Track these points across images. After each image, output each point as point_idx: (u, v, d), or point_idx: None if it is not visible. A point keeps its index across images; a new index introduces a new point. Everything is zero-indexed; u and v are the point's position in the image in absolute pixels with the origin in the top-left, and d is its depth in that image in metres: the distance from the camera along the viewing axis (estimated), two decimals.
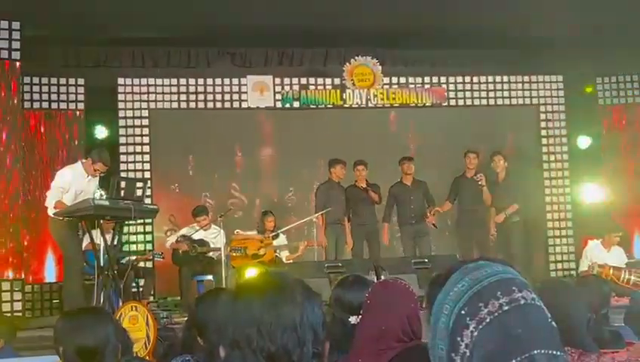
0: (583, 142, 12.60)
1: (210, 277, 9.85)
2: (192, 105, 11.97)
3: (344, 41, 12.00)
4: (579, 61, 12.15)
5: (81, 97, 11.46)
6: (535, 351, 1.27)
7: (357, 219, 10.65)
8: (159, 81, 11.85)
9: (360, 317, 3.23)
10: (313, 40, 11.98)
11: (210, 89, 12.02)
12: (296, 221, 10.91)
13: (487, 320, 1.30)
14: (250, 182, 12.22)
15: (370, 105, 12.38)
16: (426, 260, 8.80)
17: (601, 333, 3.74)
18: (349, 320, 3.43)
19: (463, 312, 1.33)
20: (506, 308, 1.31)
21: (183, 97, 11.94)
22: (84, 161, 8.42)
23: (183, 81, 11.94)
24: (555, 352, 1.29)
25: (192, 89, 11.97)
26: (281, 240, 10.59)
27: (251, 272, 9.09)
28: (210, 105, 12.02)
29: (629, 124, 12.74)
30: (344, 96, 12.32)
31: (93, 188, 8.08)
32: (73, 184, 8.17)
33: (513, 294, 1.33)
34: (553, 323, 1.35)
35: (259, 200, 12.07)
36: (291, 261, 10.37)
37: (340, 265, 8.66)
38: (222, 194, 11.93)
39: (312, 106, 12.28)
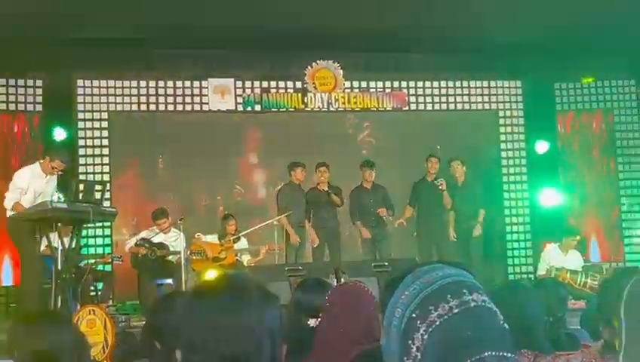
0: (541, 146, 12.73)
1: (169, 280, 9.78)
2: (153, 107, 11.87)
3: (306, 44, 11.99)
4: (537, 67, 12.28)
5: (39, 99, 11.31)
6: (485, 353, 1.28)
7: (318, 221, 10.65)
8: (119, 83, 11.74)
9: (319, 319, 3.24)
10: (275, 43, 11.94)
11: (170, 91, 11.94)
12: (259, 223, 10.88)
13: (438, 322, 1.31)
14: (212, 185, 12.16)
15: (331, 108, 12.40)
16: (386, 263, 8.83)
17: (557, 336, 3.78)
18: (309, 323, 3.43)
19: (414, 315, 1.34)
20: (456, 310, 1.32)
21: (143, 99, 11.84)
22: (41, 161, 8.29)
23: (143, 83, 11.83)
24: (505, 354, 1.31)
25: (152, 91, 11.87)
26: (243, 243, 10.54)
27: (211, 275, 9.03)
28: (170, 107, 11.93)
29: (586, 130, 12.93)
30: (306, 100, 12.32)
31: (51, 189, 7.98)
32: (32, 184, 8.04)
33: (463, 296, 1.34)
34: (505, 324, 1.36)
35: (221, 202, 12.01)
36: (253, 264, 10.33)
37: (300, 268, 8.65)
38: (183, 197, 11.85)
39: (273, 110, 12.26)
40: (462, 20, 10.92)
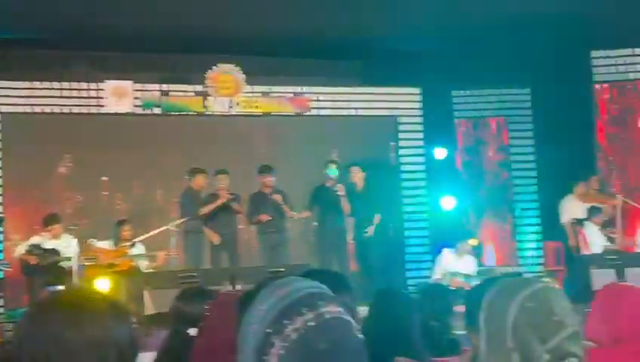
0: (440, 153, 12.96)
1: (62, 287, 9.51)
2: (48, 109, 11.55)
3: (207, 47, 11.90)
4: (436, 74, 12.49)
5: None
6: None
7: (217, 227, 10.57)
8: (12, 84, 11.38)
9: (199, 329, 3.19)
10: (176, 46, 11.81)
11: (66, 93, 11.64)
12: (159, 228, 10.72)
13: (293, 337, 1.30)
14: (109, 189, 11.91)
15: (232, 113, 12.32)
16: (282, 269, 8.80)
17: (439, 341, 3.84)
18: (188, 332, 3.38)
19: (268, 331, 1.32)
20: (311, 323, 1.31)
21: (38, 101, 11.51)
22: None
23: (37, 84, 11.50)
24: None
25: (47, 93, 11.55)
26: (139, 249, 10.35)
27: (102, 282, 8.87)
28: (66, 109, 11.64)
29: (483, 137, 13.25)
30: (206, 104, 12.21)
31: None
32: None
33: (319, 309, 1.33)
34: (360, 335, 1.36)
35: (118, 207, 11.77)
36: (151, 270, 10.17)
37: (195, 275, 8.55)
38: (77, 202, 11.56)
39: (172, 113, 12.10)
40: (363, 27, 11.04)
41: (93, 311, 1.63)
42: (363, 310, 3.22)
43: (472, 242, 11.03)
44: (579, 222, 11.26)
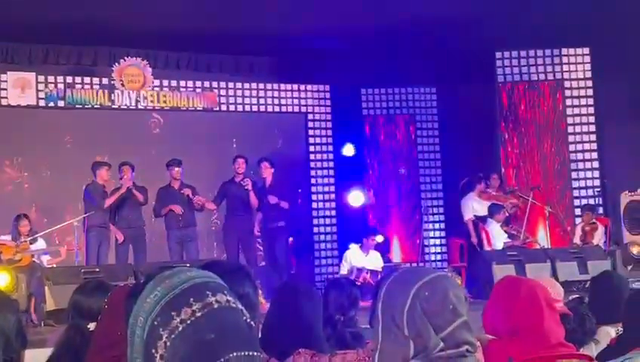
0: (348, 149, 13.08)
1: None
2: None
3: (114, 40, 11.70)
4: (345, 72, 12.60)
5: None
6: (231, 354, 1.27)
7: (123, 222, 10.42)
8: None
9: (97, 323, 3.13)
10: (81, 38, 11.57)
11: None
12: (60, 223, 10.48)
13: (180, 328, 1.28)
14: (10, 183, 11.58)
15: (139, 107, 12.14)
16: (188, 265, 8.71)
17: (343, 334, 3.87)
18: (88, 327, 3.31)
19: (155, 323, 1.30)
20: (199, 314, 1.29)
21: None
22: None
23: None
24: (251, 353, 1.30)
25: None
26: (41, 244, 10.09)
27: (1, 277, 8.63)
28: None
29: (390, 134, 13.44)
30: (113, 97, 11.99)
31: None
32: None
33: (206, 299, 1.31)
34: (251, 322, 1.36)
35: (17, 201, 11.43)
36: (54, 265, 9.94)
37: (97, 270, 8.40)
38: None
39: (77, 106, 11.83)
40: (271, 24, 11.05)
41: None
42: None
43: (378, 238, 11.17)
44: (481, 219, 11.54)
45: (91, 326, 3.29)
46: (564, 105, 12.67)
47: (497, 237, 11.03)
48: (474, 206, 11.61)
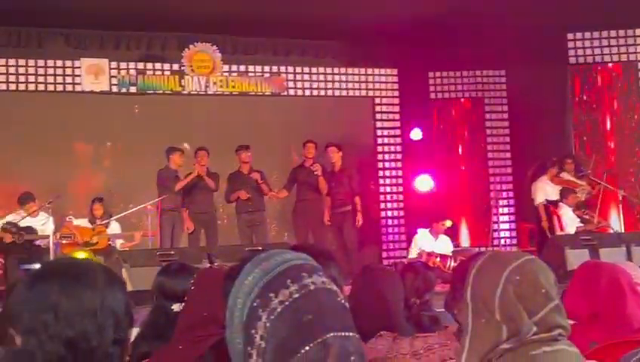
0: (416, 134, 13.02)
1: (38, 265, 9.43)
2: (22, 87, 11.45)
3: (183, 26, 11.82)
4: (413, 55, 12.51)
5: None
6: (328, 335, 1.29)
7: (194, 207, 10.57)
8: None
9: (183, 304, 3.20)
10: (152, 24, 11.73)
11: (41, 71, 11.53)
12: (133, 208, 10.68)
13: (279, 309, 1.31)
14: (85, 168, 11.85)
15: (209, 92, 12.27)
16: (261, 248, 8.81)
17: (420, 318, 3.88)
18: (172, 308, 3.39)
19: (255, 304, 1.33)
20: (296, 295, 1.32)
21: (12, 79, 11.39)
22: None
23: (12, 61, 11.38)
24: (347, 334, 1.32)
25: (21, 70, 11.43)
26: (115, 228, 10.32)
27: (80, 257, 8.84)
28: (41, 87, 11.53)
29: (458, 118, 13.32)
30: (183, 83, 12.14)
31: None
32: None
33: (303, 280, 1.34)
34: (346, 304, 1.37)
35: (95, 185, 11.69)
36: (127, 249, 10.15)
37: (172, 253, 8.54)
38: (54, 180, 11.46)
39: (149, 92, 12.03)
40: (339, 7, 11.02)
41: (90, 280, 1.64)
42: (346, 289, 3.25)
43: (448, 222, 11.10)
44: (552, 203, 11.36)
45: (175, 307, 3.37)
46: (638, 87, 12.36)
47: (570, 221, 10.85)
48: (546, 190, 11.44)
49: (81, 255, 8.92)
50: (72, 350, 1.58)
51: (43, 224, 9.70)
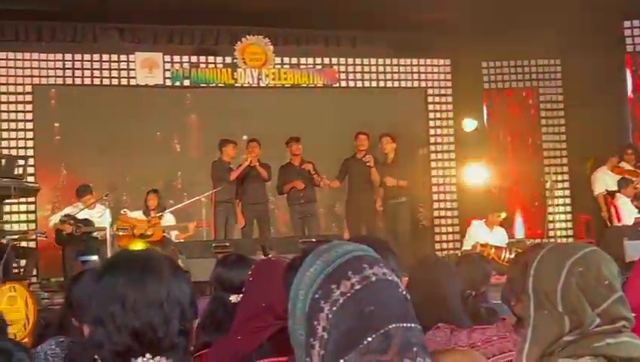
0: (469, 124, 12.89)
1: (95, 257, 9.59)
2: (78, 81, 11.64)
3: (236, 19, 11.89)
4: (466, 45, 12.40)
5: None
6: (390, 326, 1.29)
7: (247, 198, 10.64)
8: (43, 56, 11.46)
9: (241, 295, 3.23)
10: (205, 18, 11.82)
11: (96, 65, 11.71)
12: (187, 200, 10.81)
13: (341, 301, 1.31)
14: (140, 161, 12.00)
15: (261, 85, 12.33)
16: (314, 240, 8.84)
17: (477, 310, 3.85)
18: (230, 299, 3.42)
19: (317, 296, 1.34)
20: (358, 286, 1.32)
21: (69, 73, 11.59)
22: None
23: (68, 56, 11.58)
24: (410, 324, 1.32)
25: (77, 65, 11.63)
26: (170, 220, 10.44)
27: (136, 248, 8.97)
28: (96, 81, 11.71)
29: (513, 108, 13.16)
30: (235, 76, 12.22)
31: None
32: None
33: (364, 272, 1.34)
34: (407, 295, 1.37)
35: (149, 178, 11.84)
36: (181, 240, 10.27)
37: (227, 244, 8.62)
38: (110, 173, 11.65)
39: (202, 85, 12.14)
40: None
41: (156, 271, 1.67)
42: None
43: (502, 214, 10.99)
44: (610, 194, 11.18)
45: (232, 297, 3.41)
46: None
47: (627, 212, 10.66)
48: (606, 180, 11.25)
49: (137, 246, 9.05)
50: (138, 340, 1.62)
51: (100, 216, 9.86)
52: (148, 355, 1.63)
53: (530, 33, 11.85)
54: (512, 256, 9.57)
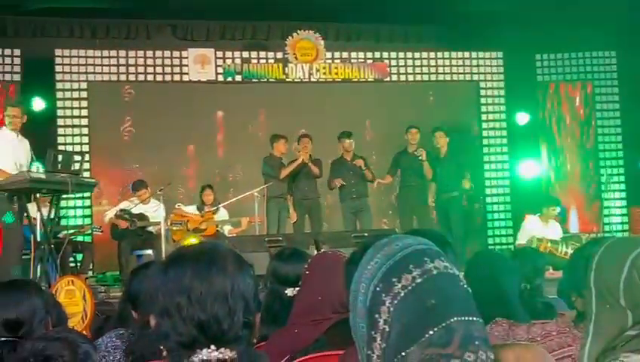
0: (522, 118, 12.76)
1: (149, 251, 9.72)
2: (132, 77, 11.81)
3: (286, 14, 11.94)
4: (519, 38, 12.27)
5: (17, 68, 11.21)
6: (452, 319, 1.29)
7: (299, 193, 10.66)
8: (98, 53, 11.65)
9: (297, 288, 3.25)
10: (255, 13, 11.89)
11: (150, 61, 11.86)
12: (239, 195, 10.89)
13: (402, 294, 1.31)
14: (193, 156, 12.13)
15: (312, 79, 12.35)
16: (366, 234, 8.82)
17: (534, 304, 3.81)
18: (286, 292, 3.44)
19: (378, 289, 1.34)
20: (419, 280, 1.32)
21: (123, 70, 11.76)
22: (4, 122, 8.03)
23: (122, 53, 11.75)
24: (472, 318, 1.32)
25: (131, 61, 11.79)
26: (223, 214, 10.54)
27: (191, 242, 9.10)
28: (150, 77, 11.86)
29: (567, 101, 12.97)
30: (286, 71, 12.26)
31: (25, 152, 7.86)
32: (3, 146, 7.82)
33: (425, 265, 1.34)
34: (468, 288, 1.37)
35: (201, 173, 11.96)
36: (234, 234, 10.35)
37: (280, 239, 8.65)
38: (164, 168, 11.79)
39: (254, 80, 12.21)
40: None
41: (221, 264, 1.69)
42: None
43: (557, 208, 10.85)
44: None
45: (288, 291, 3.43)
46: None
47: None
48: None
49: (192, 241, 9.15)
50: (203, 332, 1.64)
51: (155, 211, 9.95)
52: (212, 347, 1.65)
53: (585, 25, 11.67)
54: (569, 250, 9.45)
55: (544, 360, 1.74)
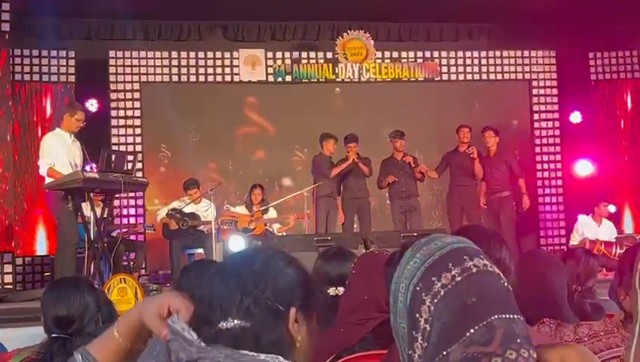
0: (575, 117, 12.59)
1: (200, 250, 9.82)
2: (184, 78, 11.95)
3: (336, 14, 11.96)
4: (571, 36, 12.10)
5: (72, 70, 11.43)
6: (493, 317, 1.29)
7: (348, 192, 10.67)
8: (150, 54, 11.82)
9: (340, 288, 3.25)
10: (305, 13, 11.93)
11: (201, 62, 12.00)
12: (288, 194, 10.94)
13: (442, 293, 1.31)
14: (243, 156, 12.22)
15: (362, 79, 12.35)
16: (416, 234, 8.77)
17: (583, 306, 3.77)
18: (328, 291, 3.44)
19: (418, 288, 1.34)
20: (459, 278, 1.32)
21: (175, 70, 11.91)
22: (62, 123, 8.17)
23: (174, 54, 11.90)
24: (513, 316, 1.31)
25: (183, 62, 11.94)
26: (271, 213, 10.60)
27: (239, 240, 9.22)
28: (201, 78, 12.00)
29: (621, 100, 12.76)
30: (336, 71, 12.28)
31: (79, 152, 8.00)
32: (60, 147, 7.97)
33: (465, 263, 1.34)
34: (509, 286, 1.36)
35: (251, 174, 12.04)
36: (283, 233, 10.40)
37: (329, 238, 8.65)
38: (215, 167, 11.91)
39: (304, 80, 12.25)
40: None
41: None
42: None
43: (611, 207, 10.68)
44: None
45: (331, 290, 3.42)
46: None
47: None
48: None
49: (241, 240, 9.22)
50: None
51: (206, 210, 10.05)
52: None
53: (638, 22, 11.46)
54: (623, 251, 9.28)
55: (590, 361, 1.72)
